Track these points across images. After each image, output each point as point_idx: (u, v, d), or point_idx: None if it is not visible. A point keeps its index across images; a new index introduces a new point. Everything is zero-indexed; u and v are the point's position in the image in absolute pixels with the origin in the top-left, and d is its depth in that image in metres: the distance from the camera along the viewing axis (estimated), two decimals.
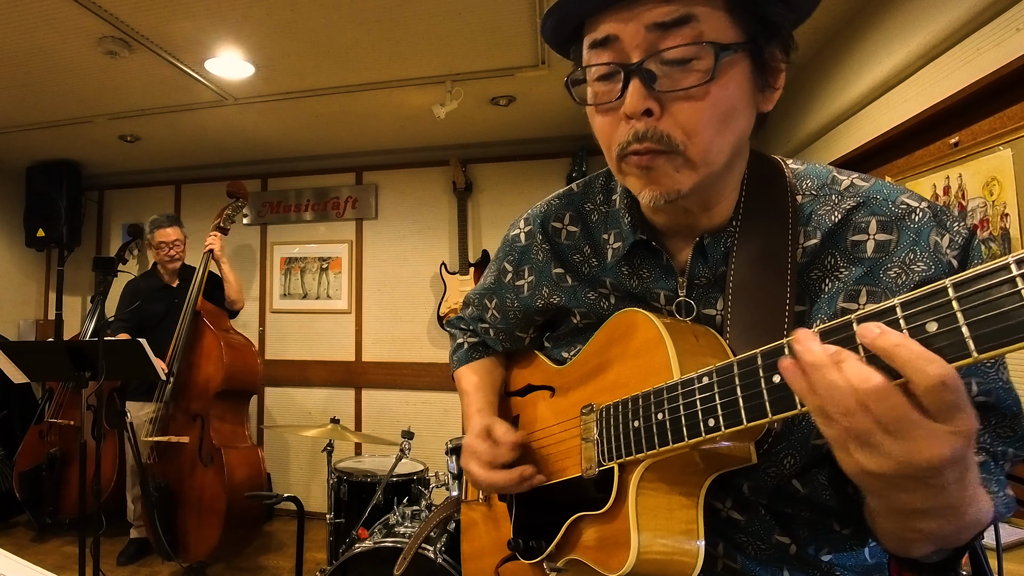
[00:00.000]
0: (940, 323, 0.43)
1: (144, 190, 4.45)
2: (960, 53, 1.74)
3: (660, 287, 0.74)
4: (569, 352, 0.85)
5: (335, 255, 4.10)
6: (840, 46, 2.37)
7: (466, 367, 1.00)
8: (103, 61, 2.57)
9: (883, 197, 0.65)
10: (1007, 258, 0.40)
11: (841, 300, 0.64)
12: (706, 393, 0.57)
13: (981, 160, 1.78)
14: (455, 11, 2.24)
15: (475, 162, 3.87)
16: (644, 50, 0.60)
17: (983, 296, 0.41)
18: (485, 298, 0.96)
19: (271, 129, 3.57)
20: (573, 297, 0.82)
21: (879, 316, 0.45)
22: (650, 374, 0.65)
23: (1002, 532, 1.28)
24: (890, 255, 0.62)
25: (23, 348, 2.61)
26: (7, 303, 4.33)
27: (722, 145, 0.62)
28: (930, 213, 0.63)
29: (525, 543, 0.80)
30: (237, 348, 3.14)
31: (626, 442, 0.65)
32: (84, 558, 2.26)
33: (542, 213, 0.85)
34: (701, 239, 0.70)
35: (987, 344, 0.41)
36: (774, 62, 0.64)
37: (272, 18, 2.28)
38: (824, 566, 0.69)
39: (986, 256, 0.57)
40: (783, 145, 2.97)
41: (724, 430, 0.55)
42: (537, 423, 0.87)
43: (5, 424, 3.85)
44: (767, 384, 0.52)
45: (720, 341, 0.66)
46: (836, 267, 0.65)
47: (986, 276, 0.41)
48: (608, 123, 0.64)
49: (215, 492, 2.90)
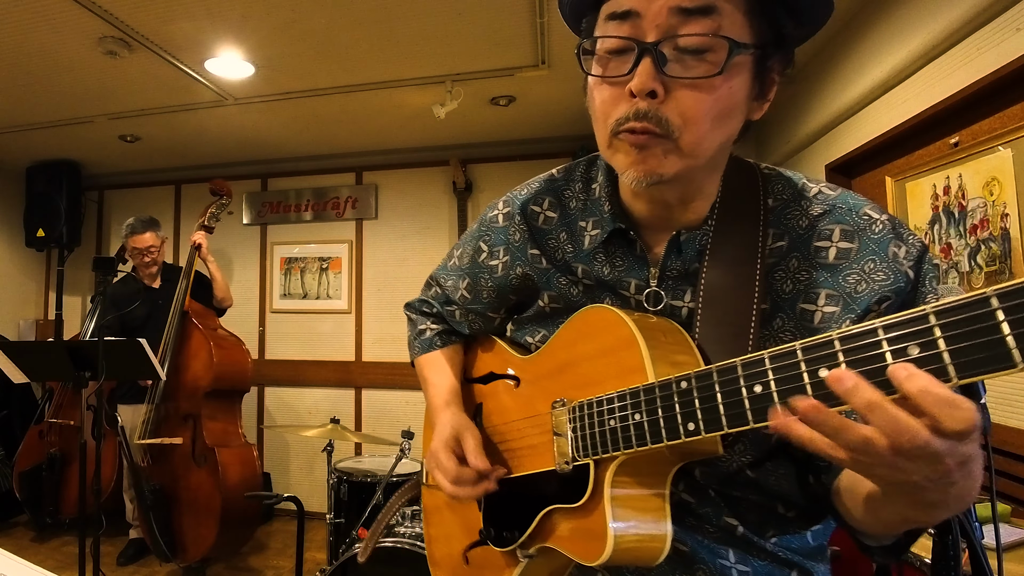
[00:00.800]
0: (922, 348, 0.44)
1: (144, 190, 4.45)
2: (960, 53, 1.74)
3: (632, 276, 0.75)
4: (534, 337, 0.86)
5: (335, 255, 4.10)
6: (840, 46, 2.37)
7: (430, 355, 0.99)
8: (103, 61, 2.57)
9: (848, 207, 0.68)
10: (988, 291, 0.42)
11: (801, 301, 0.68)
12: (685, 398, 0.58)
13: (981, 160, 1.78)
14: (455, 11, 2.24)
15: (475, 162, 3.87)
16: (663, 31, 0.60)
17: (965, 326, 0.42)
18: (458, 279, 0.95)
19: (271, 129, 3.57)
20: (545, 280, 0.83)
21: (862, 336, 0.47)
22: (623, 373, 0.66)
23: (1002, 532, 1.29)
24: (850, 262, 0.66)
25: (23, 348, 2.60)
26: (7, 303, 4.33)
27: (712, 140, 0.64)
28: (890, 226, 0.67)
29: (497, 532, 0.82)
30: (226, 347, 3.13)
31: (602, 440, 0.66)
32: (84, 558, 2.26)
33: (521, 196, 0.86)
34: (678, 234, 0.72)
35: (967, 372, 0.42)
36: (773, 73, 0.66)
37: (272, 18, 2.28)
38: (768, 548, 0.73)
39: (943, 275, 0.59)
40: (783, 145, 2.97)
41: (704, 434, 0.57)
42: (503, 414, 0.87)
43: (5, 424, 3.86)
44: (748, 393, 0.53)
45: (686, 337, 0.68)
46: (799, 269, 0.68)
47: (968, 307, 0.42)
48: (610, 96, 0.64)
49: (209, 491, 2.90)
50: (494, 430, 0.88)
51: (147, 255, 3.21)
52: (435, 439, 0.86)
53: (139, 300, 3.14)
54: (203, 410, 2.99)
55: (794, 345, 0.51)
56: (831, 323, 0.66)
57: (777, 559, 0.73)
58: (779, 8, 0.63)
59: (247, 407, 4.07)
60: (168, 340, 3.03)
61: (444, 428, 0.86)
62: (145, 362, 2.52)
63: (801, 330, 0.68)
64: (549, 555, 0.75)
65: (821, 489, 0.70)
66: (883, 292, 0.64)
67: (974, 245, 1.82)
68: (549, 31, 2.36)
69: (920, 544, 1.46)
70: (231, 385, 3.13)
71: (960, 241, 1.88)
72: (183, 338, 3.10)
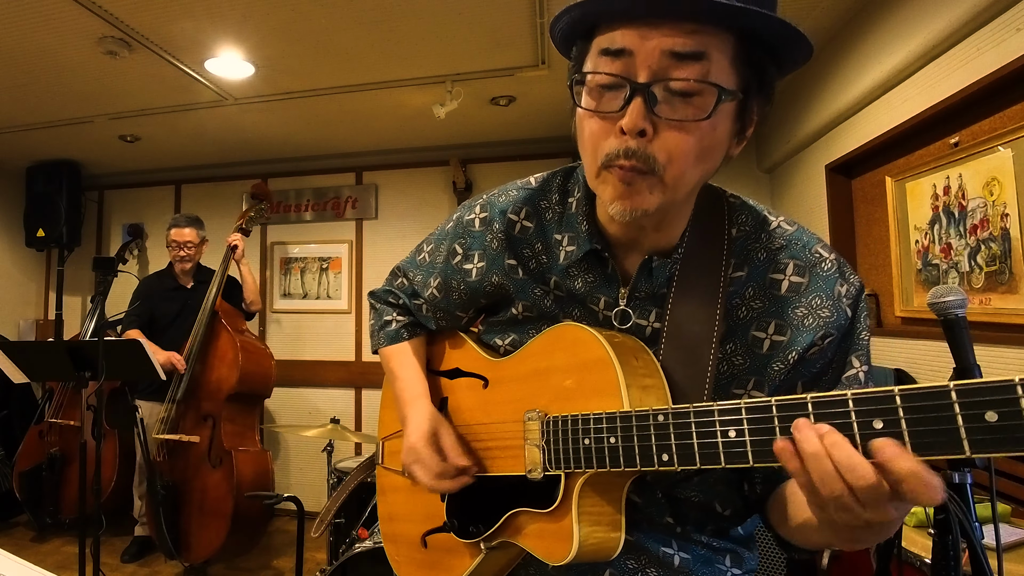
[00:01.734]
0: (886, 424, 0.50)
1: (144, 190, 4.45)
2: (960, 53, 1.74)
3: (602, 293, 0.80)
4: (503, 340, 0.88)
5: (335, 255, 4.10)
6: (840, 46, 2.37)
7: (396, 346, 1.00)
8: (103, 61, 2.57)
9: (802, 244, 0.75)
10: (949, 384, 0.47)
11: (753, 328, 0.74)
12: (662, 431, 0.63)
13: (981, 160, 1.78)
14: (455, 11, 2.24)
15: (475, 162, 3.87)
16: (654, 72, 0.63)
17: (926, 412, 0.48)
18: (428, 276, 0.95)
19: (271, 129, 3.57)
20: (521, 290, 0.85)
21: (833, 404, 0.52)
22: (596, 394, 0.71)
23: (1002, 532, 1.29)
24: (800, 295, 0.73)
25: (23, 348, 2.60)
26: (7, 303, 4.33)
27: (694, 176, 0.68)
28: (836, 265, 0.74)
29: (461, 524, 0.86)
30: (252, 351, 3.12)
31: (575, 456, 0.71)
32: (84, 558, 2.26)
33: (500, 203, 0.87)
34: (650, 259, 0.76)
35: (923, 451, 0.48)
36: (752, 115, 0.69)
37: (272, 18, 2.28)
38: (704, 540, 0.81)
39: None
40: (783, 145, 2.97)
41: (677, 467, 0.62)
42: (470, 412, 0.91)
43: (5, 424, 3.85)
44: (723, 437, 0.58)
45: (653, 359, 0.73)
46: (753, 298, 0.75)
47: (931, 396, 0.48)
48: (600, 129, 0.67)
49: (222, 494, 2.89)
50: (462, 427, 0.91)
51: (183, 249, 3.23)
52: (412, 433, 0.89)
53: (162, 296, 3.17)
54: (223, 412, 2.98)
55: (770, 400, 0.56)
56: (778, 351, 0.73)
57: (712, 547, 0.82)
58: (763, 55, 0.65)
59: None
60: (196, 338, 3.02)
61: (421, 423, 0.89)
62: (145, 362, 2.52)
63: (750, 355, 0.74)
64: (507, 547, 0.81)
65: (755, 496, 0.79)
66: (827, 328, 0.71)
67: (974, 245, 1.82)
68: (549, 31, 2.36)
69: (920, 544, 1.46)
70: (253, 389, 3.12)
71: (960, 241, 1.88)
72: (211, 338, 3.09)
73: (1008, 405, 0.45)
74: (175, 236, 3.22)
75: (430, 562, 0.93)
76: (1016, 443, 0.45)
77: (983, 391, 0.46)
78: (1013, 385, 0.45)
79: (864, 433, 0.51)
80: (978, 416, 0.46)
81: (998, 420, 0.45)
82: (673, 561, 0.79)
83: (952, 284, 1.91)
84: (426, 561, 0.94)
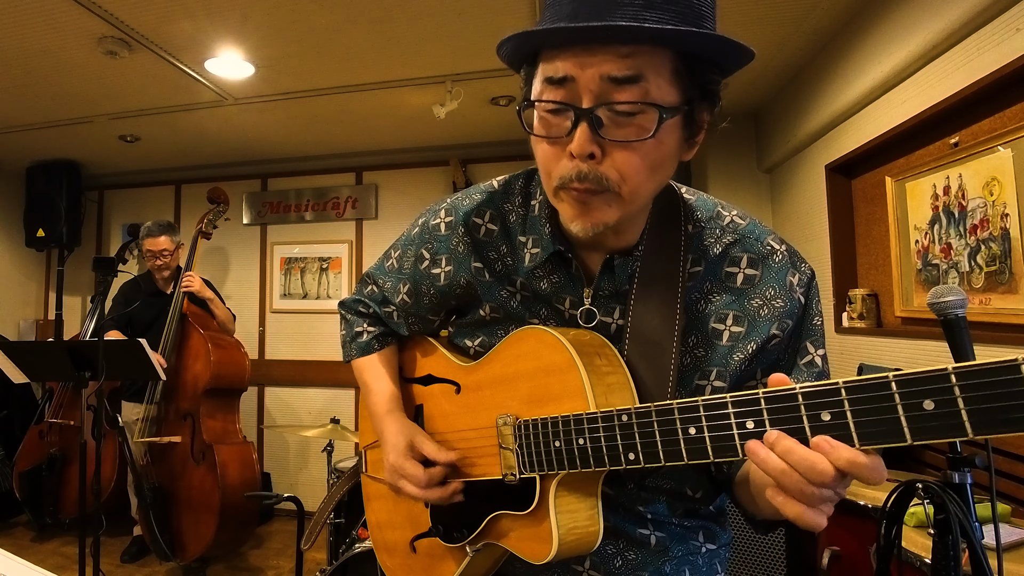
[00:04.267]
0: (833, 416, 0.53)
1: (144, 190, 4.45)
2: (960, 53, 1.74)
3: (567, 293, 0.82)
4: (473, 341, 0.91)
5: (335, 255, 4.10)
6: (840, 46, 2.37)
7: (368, 358, 1.01)
8: (103, 61, 2.57)
9: (754, 237, 0.78)
10: (889, 375, 0.50)
11: (712, 321, 0.77)
12: (626, 431, 0.66)
13: (981, 160, 1.78)
14: (455, 11, 2.24)
15: (475, 162, 3.87)
16: (596, 96, 0.65)
17: (870, 403, 0.51)
18: (397, 282, 0.96)
19: (271, 129, 3.57)
20: (488, 292, 0.87)
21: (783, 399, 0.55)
22: (564, 395, 0.73)
23: (1002, 532, 1.29)
24: (755, 287, 0.76)
25: (23, 348, 2.60)
26: (7, 303, 4.33)
27: (649, 188, 0.71)
28: (787, 256, 0.77)
29: (446, 529, 0.88)
30: (224, 346, 3.15)
31: (547, 459, 0.73)
32: (84, 558, 2.26)
33: (464, 207, 0.88)
34: (612, 259, 0.78)
35: (868, 441, 0.51)
36: (701, 121, 0.71)
37: (272, 18, 2.28)
38: (676, 520, 0.85)
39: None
40: (783, 145, 2.97)
41: (644, 464, 0.65)
42: (446, 419, 0.92)
43: (5, 424, 3.85)
44: (684, 435, 0.61)
45: (616, 355, 0.76)
46: (711, 292, 0.78)
47: (872, 387, 0.51)
48: (552, 154, 0.70)
49: (208, 488, 2.91)
50: (439, 435, 0.92)
51: (160, 258, 3.23)
52: (391, 452, 0.90)
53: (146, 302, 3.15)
54: (201, 408, 3.01)
55: (725, 397, 0.59)
56: (737, 342, 0.76)
57: (685, 527, 0.85)
58: (703, 66, 0.66)
59: (248, 407, 4.08)
60: (168, 341, 3.04)
61: (397, 438, 0.90)
62: (145, 362, 2.52)
63: (711, 347, 0.77)
64: (492, 548, 0.84)
65: (723, 477, 0.83)
66: (782, 318, 0.75)
67: (974, 245, 1.82)
68: None
69: (920, 544, 1.46)
70: (229, 384, 3.15)
71: (960, 241, 1.89)
72: (182, 339, 3.11)
73: (943, 393, 0.47)
74: (149, 246, 3.22)
75: (421, 567, 0.95)
76: (954, 430, 0.47)
77: (920, 380, 0.48)
78: (947, 374, 0.47)
79: (813, 426, 0.54)
80: (916, 405, 0.48)
81: (935, 408, 0.47)
82: (649, 541, 0.83)
83: (952, 284, 1.91)
84: (417, 566, 0.96)
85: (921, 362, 2.08)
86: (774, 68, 2.71)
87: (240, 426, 3.22)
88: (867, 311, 2.41)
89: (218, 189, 3.48)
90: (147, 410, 3.00)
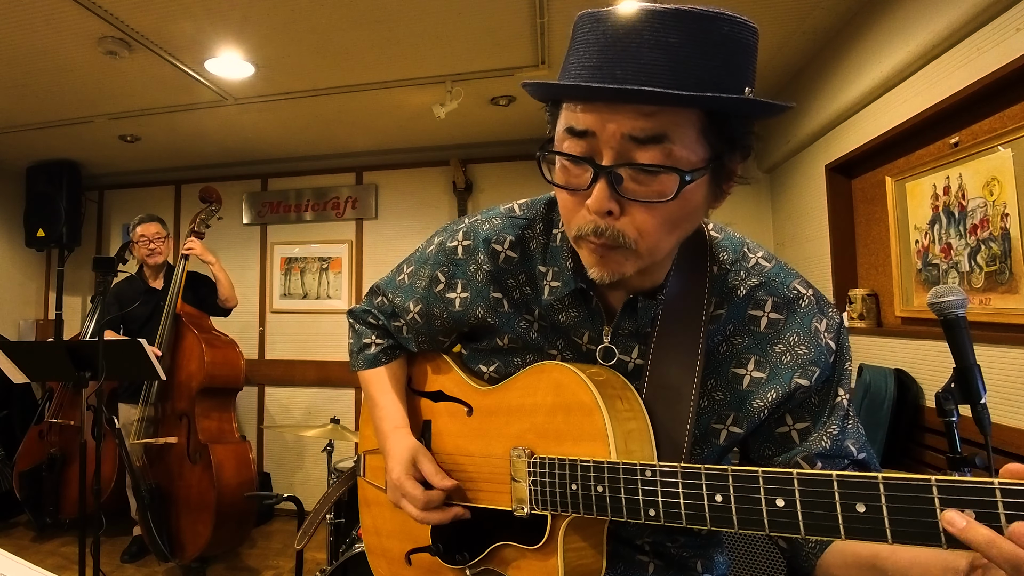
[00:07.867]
0: (868, 508, 0.53)
1: (144, 190, 4.45)
2: (960, 53, 1.74)
3: (586, 328, 0.81)
4: (488, 367, 0.89)
5: (335, 255, 4.10)
6: (840, 46, 2.37)
7: (375, 371, 0.99)
8: (103, 61, 2.57)
9: (780, 281, 0.76)
10: (931, 478, 0.50)
11: (733, 365, 0.76)
12: (649, 487, 0.64)
13: (981, 160, 1.78)
14: (455, 11, 2.24)
15: (475, 162, 3.87)
16: (617, 154, 0.62)
17: (906, 502, 0.51)
18: (408, 299, 0.94)
19: (271, 129, 3.57)
20: (507, 323, 0.85)
21: (818, 483, 0.55)
22: (584, 438, 0.72)
23: None
24: (778, 332, 0.75)
25: (23, 348, 2.60)
26: (7, 303, 4.33)
27: (668, 243, 0.69)
28: (814, 300, 0.76)
29: (447, 549, 0.87)
30: (218, 346, 3.15)
31: (562, 500, 0.72)
32: (84, 558, 2.26)
33: (484, 231, 0.85)
34: (635, 299, 0.77)
35: (899, 539, 0.51)
36: (731, 171, 0.69)
37: (272, 18, 2.28)
38: (674, 550, 0.85)
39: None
40: (783, 145, 2.97)
41: (663, 523, 0.63)
42: (454, 441, 0.90)
43: (5, 424, 3.85)
44: (709, 500, 0.60)
45: (636, 398, 0.75)
46: (734, 334, 0.77)
47: (914, 488, 0.50)
48: (572, 203, 0.68)
49: (204, 487, 2.91)
50: (446, 456, 0.90)
51: (153, 241, 3.23)
52: (394, 469, 0.88)
53: (140, 300, 3.15)
54: (196, 408, 3.00)
55: (756, 470, 0.58)
56: (758, 387, 0.75)
57: (683, 556, 0.86)
58: (733, 120, 0.64)
59: (247, 407, 4.08)
60: (161, 342, 3.03)
61: (401, 455, 0.88)
62: (145, 362, 2.52)
63: (730, 391, 0.76)
64: (491, 574, 0.83)
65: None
66: (806, 366, 0.74)
67: (974, 245, 1.82)
68: (549, 31, 2.36)
69: None
70: (224, 383, 3.14)
71: (960, 241, 1.88)
72: (176, 340, 3.11)
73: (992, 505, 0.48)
74: (143, 231, 3.22)
75: None
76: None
77: (960, 490, 0.49)
78: (992, 488, 0.47)
79: (846, 515, 0.53)
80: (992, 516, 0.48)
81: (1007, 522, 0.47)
82: (648, 568, 0.83)
83: (952, 284, 1.91)
84: None
85: (921, 362, 2.08)
86: (774, 68, 2.71)
87: (236, 425, 3.22)
88: (867, 311, 2.41)
89: (210, 188, 3.46)
90: (143, 411, 3.00)
